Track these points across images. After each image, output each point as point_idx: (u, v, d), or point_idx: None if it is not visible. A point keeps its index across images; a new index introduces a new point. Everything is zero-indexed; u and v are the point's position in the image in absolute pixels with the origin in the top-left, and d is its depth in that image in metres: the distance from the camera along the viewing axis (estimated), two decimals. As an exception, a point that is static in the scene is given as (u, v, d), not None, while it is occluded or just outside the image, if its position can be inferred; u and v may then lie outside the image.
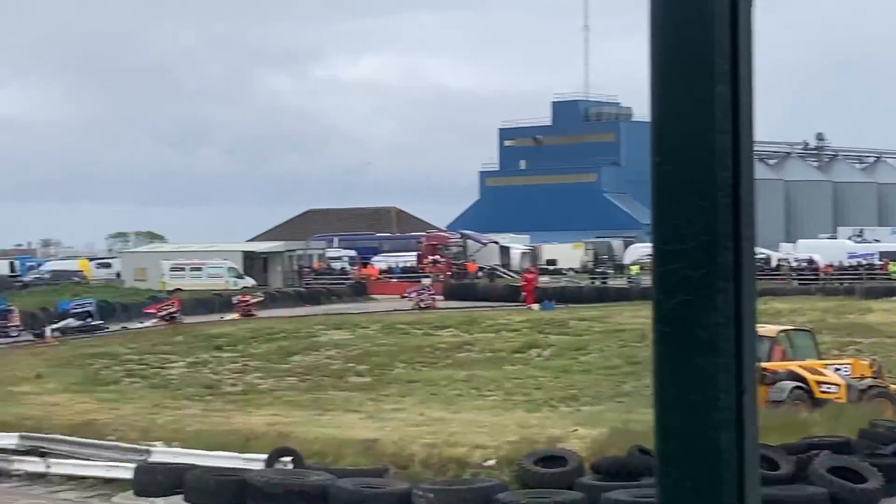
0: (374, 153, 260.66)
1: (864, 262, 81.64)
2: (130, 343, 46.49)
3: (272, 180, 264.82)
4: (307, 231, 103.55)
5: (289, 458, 22.43)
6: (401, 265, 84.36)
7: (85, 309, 53.39)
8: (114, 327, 55.65)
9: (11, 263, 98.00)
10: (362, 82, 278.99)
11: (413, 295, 63.98)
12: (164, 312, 56.10)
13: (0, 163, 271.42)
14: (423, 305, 61.93)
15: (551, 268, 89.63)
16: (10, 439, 25.78)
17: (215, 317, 60.81)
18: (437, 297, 65.50)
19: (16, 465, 25.04)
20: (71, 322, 52.18)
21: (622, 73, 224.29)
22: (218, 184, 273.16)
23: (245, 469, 22.38)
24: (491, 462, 22.43)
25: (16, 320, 52.30)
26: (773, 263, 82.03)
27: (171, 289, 73.41)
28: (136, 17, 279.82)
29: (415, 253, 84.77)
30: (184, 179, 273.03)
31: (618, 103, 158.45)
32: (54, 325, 50.85)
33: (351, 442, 24.18)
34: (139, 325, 52.41)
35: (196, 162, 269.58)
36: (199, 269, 77.89)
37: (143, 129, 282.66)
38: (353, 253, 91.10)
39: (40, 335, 50.46)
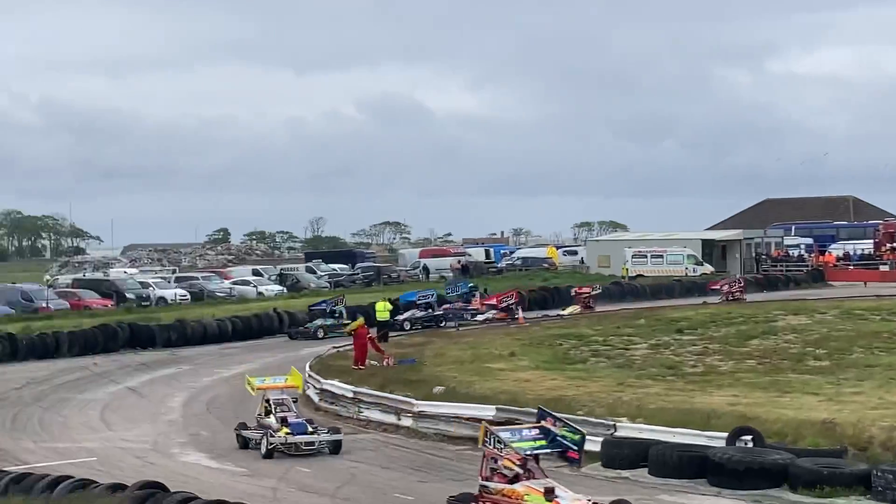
0: (829, 144, 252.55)
1: None
2: (596, 325, 47.56)
3: (730, 172, 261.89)
4: (763, 220, 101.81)
5: (749, 437, 22.37)
6: (858, 252, 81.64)
7: (427, 301, 54.21)
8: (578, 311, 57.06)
9: (487, 251, 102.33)
10: (818, 75, 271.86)
11: (724, 288, 61.96)
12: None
13: (476, 160, 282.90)
14: (731, 298, 60.08)
15: None
16: (488, 411, 26.92)
17: (677, 301, 61.21)
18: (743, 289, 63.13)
19: (494, 435, 26.28)
20: (415, 313, 53.05)
21: None
22: (678, 176, 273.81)
23: (706, 446, 22.48)
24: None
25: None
26: None
27: (633, 275, 74.37)
28: (600, 22, 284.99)
29: (871, 241, 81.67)
30: (645, 172, 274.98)
31: None
32: (401, 317, 52.02)
33: (810, 423, 23.80)
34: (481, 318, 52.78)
35: (657, 155, 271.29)
36: (659, 256, 78.41)
37: (606, 125, 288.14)
38: (809, 240, 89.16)
39: (513, 317, 52.30)
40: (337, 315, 51.09)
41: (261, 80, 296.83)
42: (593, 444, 23.97)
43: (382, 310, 45.92)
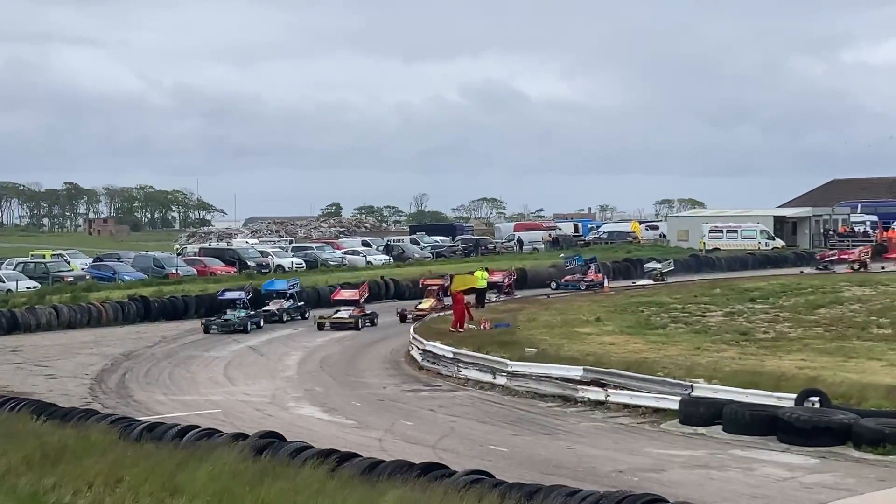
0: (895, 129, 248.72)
1: None
2: (675, 294, 47.26)
3: (802, 154, 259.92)
4: (831, 198, 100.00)
5: (816, 398, 22.13)
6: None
7: (294, 290, 47.62)
8: (658, 281, 56.89)
9: (575, 225, 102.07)
10: (888, 64, 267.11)
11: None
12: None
13: (568, 141, 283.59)
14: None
15: None
16: (576, 371, 26.98)
17: (750, 273, 60.58)
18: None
19: (581, 394, 26.23)
20: (283, 303, 46.13)
21: None
22: (753, 157, 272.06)
23: (776, 406, 22.29)
24: None
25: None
26: None
27: (709, 248, 73.66)
28: (688, 13, 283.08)
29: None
30: (723, 153, 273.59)
31: None
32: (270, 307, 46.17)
33: (874, 386, 23.48)
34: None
35: (735, 138, 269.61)
36: (734, 231, 77.67)
37: (689, 110, 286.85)
38: (874, 218, 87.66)
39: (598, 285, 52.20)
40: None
41: (372, 68, 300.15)
42: (672, 403, 23.99)
43: (481, 278, 46.04)
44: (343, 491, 14.57)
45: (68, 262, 65.86)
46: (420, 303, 44.97)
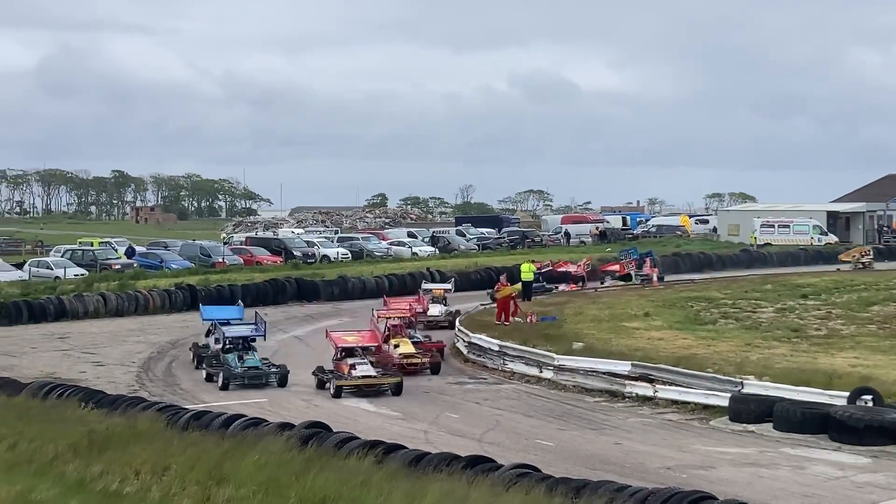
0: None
1: None
2: (725, 289, 46.96)
3: (856, 148, 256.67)
4: (886, 194, 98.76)
5: (869, 397, 21.93)
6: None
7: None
8: (705, 275, 56.62)
9: (624, 218, 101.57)
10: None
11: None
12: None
13: (618, 133, 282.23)
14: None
15: None
16: (623, 366, 26.90)
17: (802, 269, 60.13)
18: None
19: (628, 389, 26.17)
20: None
21: None
22: (807, 150, 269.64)
23: (828, 404, 22.15)
24: None
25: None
26: None
27: (761, 243, 73.15)
28: (743, 4, 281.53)
29: None
30: (776, 146, 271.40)
31: None
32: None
33: (929, 386, 23.29)
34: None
35: (788, 131, 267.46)
36: (786, 226, 76.97)
37: (741, 102, 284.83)
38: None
39: (648, 279, 51.88)
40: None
41: (420, 58, 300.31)
42: (721, 400, 23.86)
43: (527, 271, 46.00)
44: (389, 482, 14.61)
45: (116, 250, 66.41)
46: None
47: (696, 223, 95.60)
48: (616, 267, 53.64)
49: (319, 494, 13.99)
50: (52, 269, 56.24)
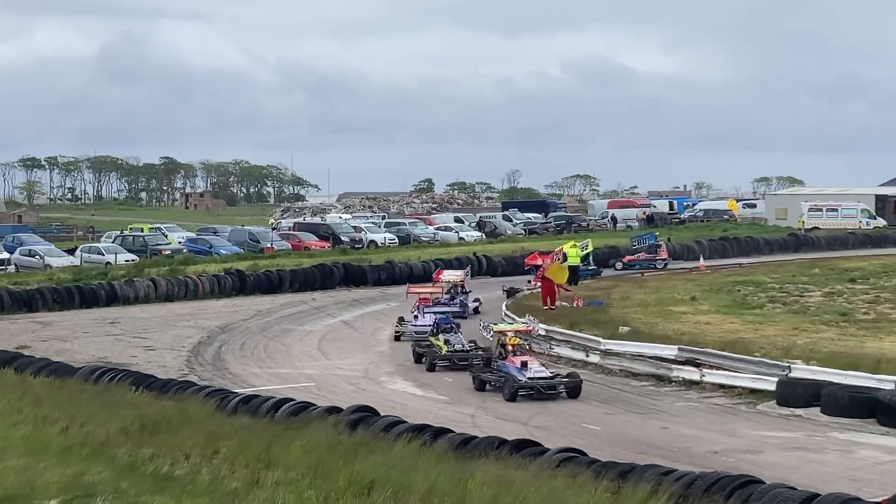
0: None
1: None
2: (772, 273, 46.63)
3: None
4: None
5: (918, 381, 21.78)
6: None
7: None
8: (753, 260, 56.15)
9: (670, 203, 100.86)
10: None
11: None
12: None
13: (667, 118, 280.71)
14: None
15: None
16: (670, 350, 26.81)
17: (850, 252, 59.54)
18: None
19: (675, 373, 26.05)
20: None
21: None
22: (860, 133, 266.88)
23: (877, 388, 21.96)
24: None
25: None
26: None
27: (809, 227, 72.54)
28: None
29: None
30: (830, 130, 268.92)
31: None
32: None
33: (979, 370, 23.01)
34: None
35: (843, 114, 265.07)
36: (834, 210, 76.22)
37: (796, 85, 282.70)
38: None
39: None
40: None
41: (473, 43, 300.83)
42: (768, 384, 23.72)
43: (574, 255, 45.73)
44: (436, 466, 14.63)
45: (166, 236, 66.92)
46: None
47: (744, 207, 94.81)
48: (541, 261, 42.32)
49: (367, 477, 14.03)
50: (103, 254, 56.78)
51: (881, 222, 74.96)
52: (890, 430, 20.65)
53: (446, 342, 28.62)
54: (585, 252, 46.78)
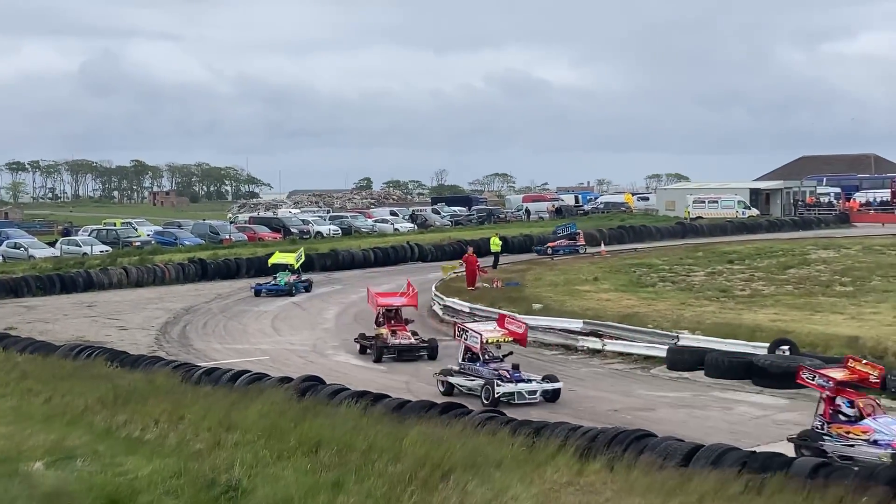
0: (861, 111, 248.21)
1: None
2: (663, 257, 47.03)
3: (777, 134, 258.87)
4: (800, 173, 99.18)
5: (787, 347, 22.12)
6: (878, 199, 79.51)
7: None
8: (646, 245, 56.64)
9: (576, 197, 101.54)
10: (861, 55, 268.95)
11: None
12: None
13: (573, 124, 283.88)
14: None
15: None
16: (576, 324, 27.03)
17: (729, 238, 60.28)
18: None
19: (581, 343, 26.26)
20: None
21: None
22: (738, 136, 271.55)
23: (751, 353, 22.33)
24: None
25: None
26: None
27: (693, 217, 73.30)
28: (693, 8, 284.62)
29: (889, 190, 79.53)
30: (713, 133, 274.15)
31: None
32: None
33: (837, 337, 23.43)
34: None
35: (722, 120, 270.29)
36: (715, 201, 77.07)
37: (686, 94, 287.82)
38: (838, 190, 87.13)
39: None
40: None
41: (408, 59, 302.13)
42: (660, 351, 23.98)
43: (494, 244, 46.04)
44: (375, 426, 14.62)
45: (136, 230, 65.98)
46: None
47: (639, 200, 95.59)
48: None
49: (315, 438, 13.99)
50: (80, 246, 55.87)
51: (755, 212, 76.01)
52: (763, 390, 21.00)
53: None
54: (300, 262, 41.60)
